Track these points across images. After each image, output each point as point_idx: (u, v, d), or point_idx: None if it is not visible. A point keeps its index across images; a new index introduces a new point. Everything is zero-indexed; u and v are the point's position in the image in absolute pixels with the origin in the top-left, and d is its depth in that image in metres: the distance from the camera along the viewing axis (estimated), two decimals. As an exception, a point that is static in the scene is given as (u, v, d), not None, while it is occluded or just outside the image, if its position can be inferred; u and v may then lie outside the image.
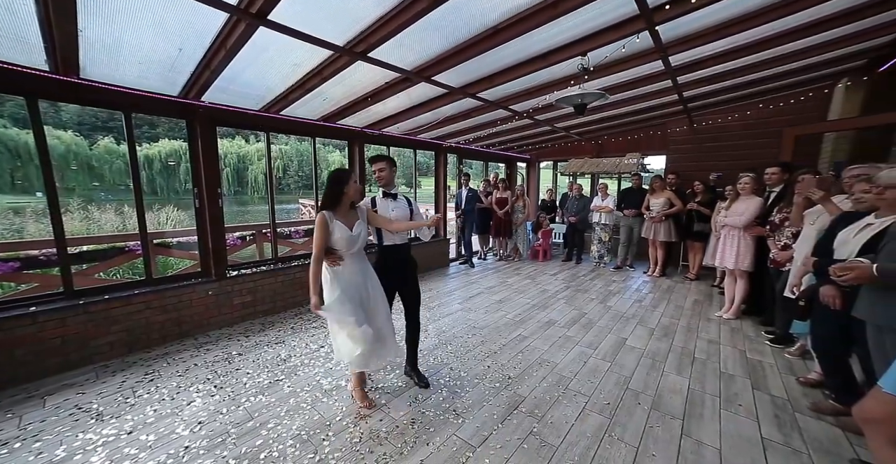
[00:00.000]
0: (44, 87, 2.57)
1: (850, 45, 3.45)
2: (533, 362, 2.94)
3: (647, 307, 4.25)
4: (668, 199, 5.28)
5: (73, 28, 2.04)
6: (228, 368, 2.80)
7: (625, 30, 2.54)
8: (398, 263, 2.45)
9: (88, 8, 1.92)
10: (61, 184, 25.09)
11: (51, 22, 1.96)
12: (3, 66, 2.37)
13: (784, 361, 2.95)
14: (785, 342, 3.16)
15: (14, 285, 4.09)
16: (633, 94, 4.28)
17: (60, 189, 10.89)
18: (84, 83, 2.67)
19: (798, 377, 2.65)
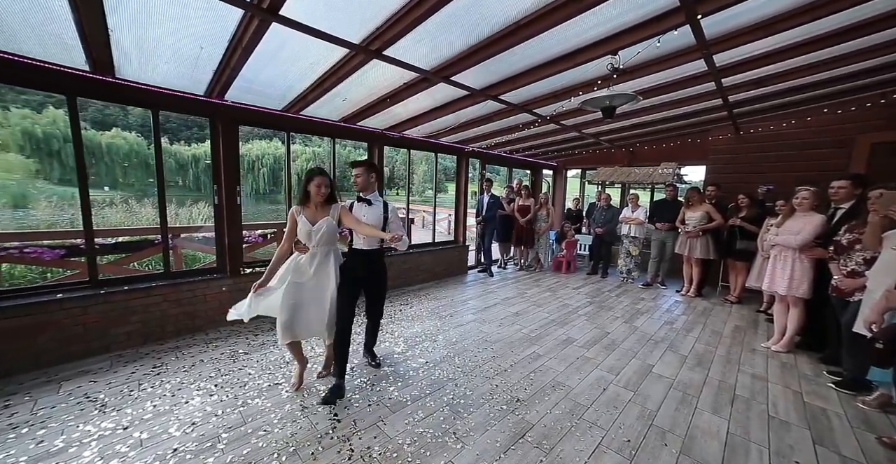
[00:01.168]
0: (82, 85, 2.70)
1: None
2: (546, 385, 2.71)
3: (680, 331, 3.86)
4: (707, 213, 4.84)
5: (104, 28, 2.10)
6: (232, 367, 2.78)
7: (662, 24, 2.30)
8: (364, 267, 2.56)
9: (114, 7, 1.96)
10: (123, 180, 27.57)
11: (83, 22, 2.03)
12: (45, 65, 2.51)
13: (857, 412, 2.46)
14: (857, 388, 2.65)
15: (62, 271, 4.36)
16: (670, 99, 3.95)
17: (122, 184, 11.98)
18: (117, 82, 2.79)
19: (882, 437, 2.16)
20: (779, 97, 4.19)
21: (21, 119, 22.20)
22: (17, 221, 11.71)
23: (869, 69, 3.49)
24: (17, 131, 22.36)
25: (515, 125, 4.70)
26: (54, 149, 21.86)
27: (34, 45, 2.32)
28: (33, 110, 22.33)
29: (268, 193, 32.58)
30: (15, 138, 22.46)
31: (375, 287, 2.68)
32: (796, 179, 4.55)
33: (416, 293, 4.95)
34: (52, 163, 22.24)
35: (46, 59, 2.48)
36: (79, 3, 1.87)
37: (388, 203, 2.58)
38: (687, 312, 4.48)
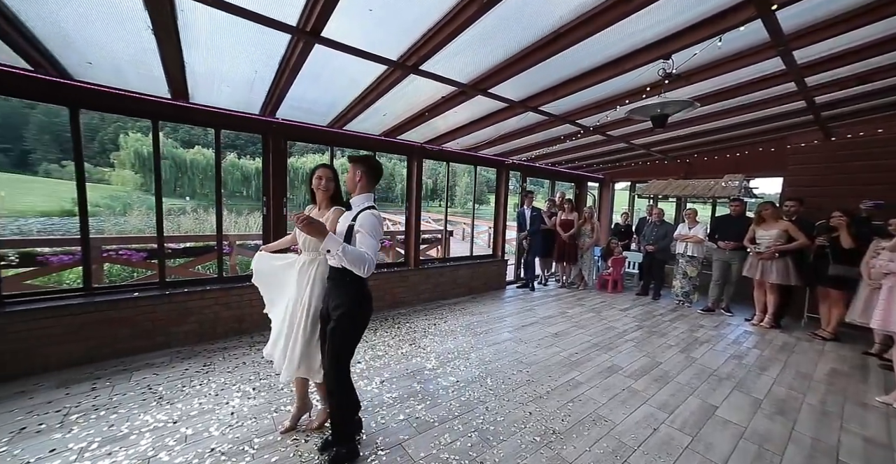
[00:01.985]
0: (163, 110, 3.09)
1: None
2: (585, 417, 2.46)
3: (751, 368, 3.34)
4: (786, 231, 4.22)
5: (181, 60, 2.38)
6: (269, 371, 2.89)
7: (725, 22, 2.07)
8: (330, 285, 1.95)
9: (188, 41, 2.21)
10: (200, 190, 31.40)
11: (165, 56, 2.32)
12: (136, 95, 2.91)
13: None
14: None
15: (144, 271, 4.93)
16: (736, 103, 3.56)
17: (199, 194, 13.62)
18: (190, 106, 3.13)
19: None
20: (887, 95, 3.57)
21: (134, 142, 26.67)
22: (118, 225, 13.66)
23: None
24: (131, 152, 26.88)
25: (557, 137, 4.52)
26: (152, 165, 26.08)
27: (133, 78, 2.70)
28: (143, 134, 26.72)
29: (320, 203, 34.93)
30: (129, 157, 27.11)
31: (331, 325, 1.87)
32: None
33: (451, 308, 4.86)
34: (150, 177, 26.40)
35: (141, 90, 2.89)
36: (163, 40, 2.12)
37: (369, 211, 1.82)
38: (761, 346, 3.89)
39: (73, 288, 3.06)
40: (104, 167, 30.28)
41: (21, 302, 2.74)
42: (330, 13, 1.86)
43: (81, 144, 2.83)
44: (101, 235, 9.51)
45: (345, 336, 1.86)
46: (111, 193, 25.80)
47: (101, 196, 24.09)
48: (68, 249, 3.97)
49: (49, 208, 19.41)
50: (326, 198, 2.11)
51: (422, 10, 1.97)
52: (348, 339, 1.88)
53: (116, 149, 28.11)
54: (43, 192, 22.71)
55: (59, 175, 29.22)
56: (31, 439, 2.04)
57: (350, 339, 1.89)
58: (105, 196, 24.51)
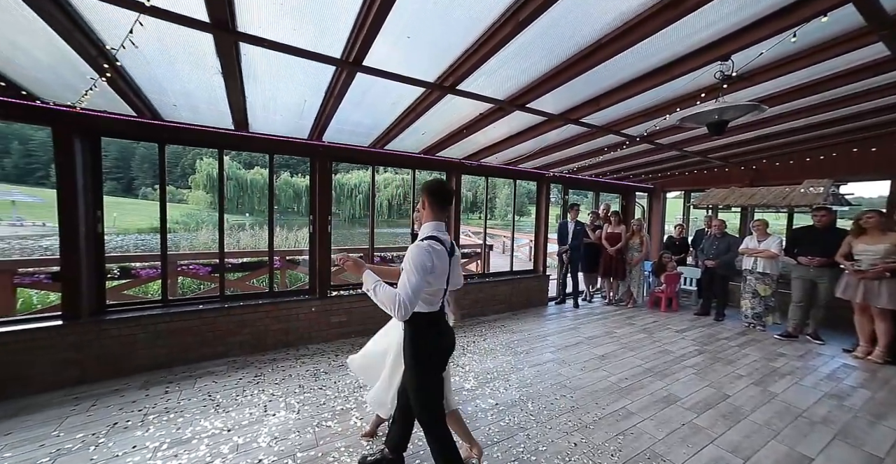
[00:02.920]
0: (227, 141, 3.44)
1: None
2: (640, 454, 2.22)
3: (857, 413, 2.75)
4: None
5: (242, 94, 2.66)
6: (313, 385, 2.98)
7: (793, 16, 1.86)
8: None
9: (248, 80, 2.46)
10: (258, 207, 34.60)
11: (230, 93, 2.60)
12: (206, 128, 3.28)
13: None
14: None
15: (210, 284, 5.45)
16: (817, 101, 3.15)
17: (257, 211, 15.03)
18: (248, 135, 3.46)
19: None
20: None
21: (207, 166, 30.32)
22: (191, 240, 15.32)
23: None
24: (204, 174, 30.61)
25: (600, 148, 4.32)
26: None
27: (206, 114, 3.06)
28: (213, 158, 30.75)
29: (362, 218, 36.51)
30: (202, 179, 30.85)
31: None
32: None
33: (490, 325, 4.74)
34: (218, 197, 30.55)
35: (211, 124, 3.26)
36: (229, 81, 2.39)
37: (420, 242, 1.63)
38: (870, 386, 3.21)
39: (153, 300, 3.46)
40: (183, 189, 34.48)
41: (117, 311, 3.15)
42: (371, 44, 1.97)
43: (165, 172, 3.29)
44: (176, 250, 10.77)
45: (412, 375, 1.71)
46: (188, 212, 29.35)
47: (179, 214, 27.44)
48: (153, 264, 4.55)
49: (144, 225, 22.68)
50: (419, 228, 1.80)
51: (458, 33, 2.01)
52: (415, 378, 1.70)
53: (194, 173, 32.14)
54: (142, 212, 26.68)
55: (154, 197, 34.64)
56: (120, 434, 2.31)
57: (417, 378, 1.69)
58: (183, 214, 27.88)
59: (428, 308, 1.67)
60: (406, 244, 5.03)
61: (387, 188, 35.95)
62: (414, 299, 1.50)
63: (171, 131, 3.19)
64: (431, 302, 1.67)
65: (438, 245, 1.62)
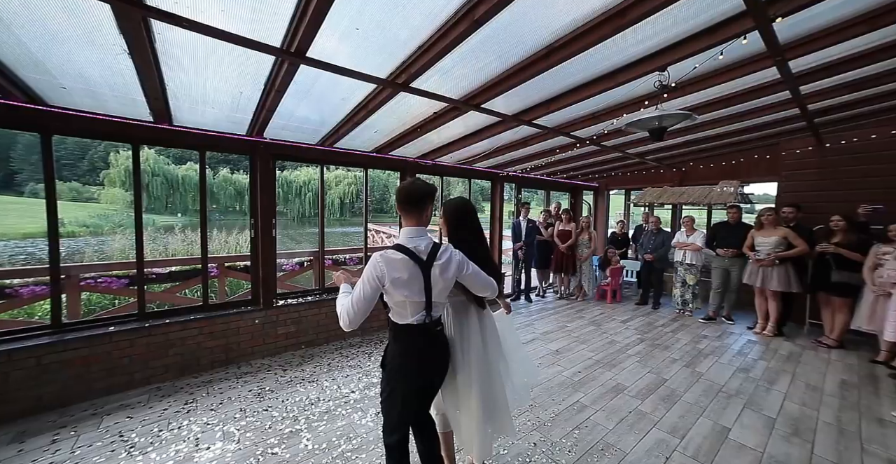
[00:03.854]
0: (144, 134, 2.96)
1: None
2: (593, 447, 2.32)
3: (760, 382, 3.22)
4: (784, 237, 4.18)
5: (161, 84, 2.28)
6: (257, 407, 2.71)
7: (723, 33, 2.03)
8: None
9: (169, 66, 2.11)
10: (192, 206, 31.03)
11: (144, 79, 2.21)
12: (113, 118, 2.78)
13: None
14: None
15: (127, 298, 4.70)
16: (730, 112, 3.54)
17: (191, 211, 13.03)
18: (174, 128, 3.01)
19: None
20: (879, 101, 3.59)
21: (125, 160, 26.47)
22: (104, 245, 13.12)
23: None
24: (121, 169, 26.62)
25: (552, 149, 4.48)
26: (144, 183, 25.74)
27: (111, 102, 2.59)
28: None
29: (312, 217, 34.67)
30: (119, 175, 26.76)
31: None
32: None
33: (448, 324, 4.71)
34: (135, 197, 27.03)
35: (121, 114, 2.77)
36: (141, 64, 2.02)
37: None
38: (766, 357, 3.79)
39: (39, 325, 2.78)
40: (93, 186, 29.75)
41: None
42: (314, 33, 1.78)
43: (53, 169, 2.68)
44: (83, 257, 9.17)
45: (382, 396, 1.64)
46: (101, 212, 25.33)
47: (88, 215, 23.63)
48: (43, 279, 3.71)
49: (34, 229, 18.82)
50: None
51: (411, 28, 1.89)
52: (381, 388, 1.66)
53: (107, 167, 27.79)
54: (31, 213, 22.27)
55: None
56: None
57: (381, 388, 1.65)
58: (93, 215, 24.06)
59: (399, 319, 1.57)
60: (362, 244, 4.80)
61: (338, 186, 34.50)
62: (353, 310, 1.45)
63: (62, 119, 2.63)
64: (401, 314, 1.56)
65: (397, 254, 1.50)
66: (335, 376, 3.22)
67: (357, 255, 5.80)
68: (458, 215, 1.77)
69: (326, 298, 3.94)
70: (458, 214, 1.78)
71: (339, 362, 3.52)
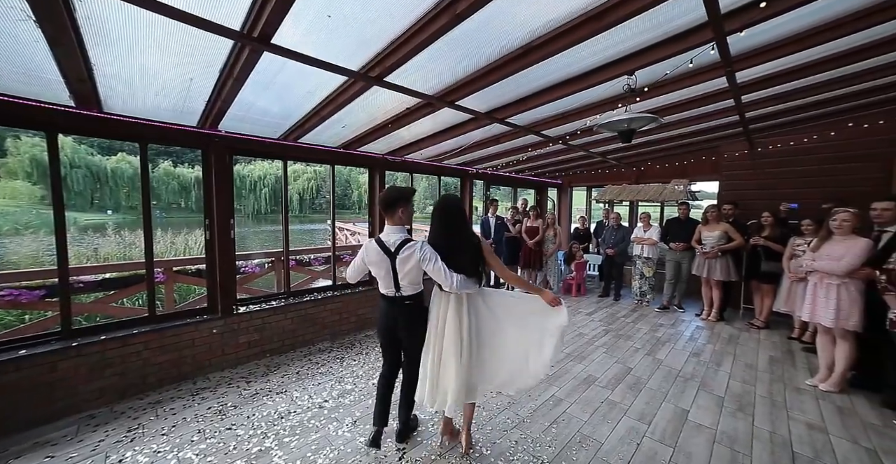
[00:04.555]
0: (63, 121, 2.53)
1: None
2: (571, 439, 2.40)
3: (709, 364, 3.54)
4: (725, 232, 4.60)
5: (85, 63, 1.96)
6: (219, 425, 2.47)
7: (687, 42, 2.15)
8: None
9: (97, 41, 1.82)
10: (127, 203, 27.62)
11: (61, 58, 1.89)
12: (18, 101, 2.35)
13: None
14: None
15: (44, 313, 4.06)
16: (683, 116, 3.80)
17: (125, 208, 11.25)
18: (104, 116, 2.63)
19: None
20: (799, 112, 4.03)
21: (30, 147, 22.69)
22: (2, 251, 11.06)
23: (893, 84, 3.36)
24: (25, 159, 22.76)
25: (522, 147, 4.54)
26: (61, 175, 22.48)
27: (18, 82, 2.17)
28: (42, 138, 23.18)
29: (269, 213, 32.63)
30: (23, 166, 22.84)
31: None
32: (822, 196, 4.37)
33: (421, 324, 4.64)
34: (52, 194, 23.07)
35: (29, 96, 2.34)
36: (56, 36, 1.71)
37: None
38: (712, 341, 4.16)
39: None
40: (-15, 178, 25.25)
41: None
42: (282, 18, 1.62)
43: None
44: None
45: None
46: (0, 209, 21.30)
47: (-21, 213, 20.00)
48: None
49: None
50: None
51: (389, 18, 1.79)
52: None
53: (4, 155, 23.17)
54: None
55: None
56: None
57: None
58: (-17, 213, 20.23)
59: (381, 289, 2.18)
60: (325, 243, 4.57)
61: (297, 181, 32.80)
62: (350, 269, 2.21)
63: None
64: (381, 285, 2.16)
65: (373, 244, 2.08)
66: (305, 385, 3.04)
67: (324, 254, 5.53)
68: (434, 217, 2.13)
69: (293, 302, 3.70)
70: (434, 215, 2.13)
71: (309, 369, 3.33)
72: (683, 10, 1.90)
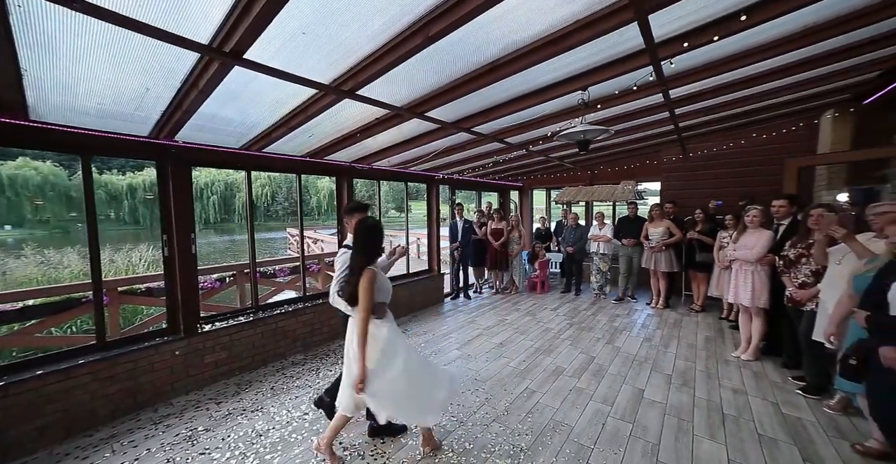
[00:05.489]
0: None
1: (836, 82, 3.53)
2: (545, 426, 2.59)
3: (658, 347, 3.96)
4: (668, 228, 5.15)
5: (14, 65, 1.79)
6: (191, 451, 2.35)
7: (628, 65, 2.44)
8: None
9: (30, 46, 1.68)
10: (33, 216, 24.02)
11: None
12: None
13: (826, 418, 2.61)
14: (819, 392, 2.86)
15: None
16: (630, 125, 4.22)
17: (31, 222, 9.54)
18: (32, 126, 2.36)
19: (854, 445, 2.27)
20: (718, 123, 4.66)
21: None
22: None
23: (787, 102, 4.02)
24: None
25: (486, 153, 4.76)
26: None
27: None
28: None
29: (217, 223, 30.36)
30: None
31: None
32: (739, 195, 5.05)
33: (394, 330, 4.67)
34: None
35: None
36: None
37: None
38: (661, 326, 4.64)
39: None
40: None
41: None
42: (257, 36, 1.62)
43: None
44: None
45: None
46: None
47: None
48: None
49: None
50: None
51: (365, 37, 1.85)
52: None
53: None
54: None
55: None
56: None
57: None
58: None
59: None
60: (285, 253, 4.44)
61: (247, 187, 30.80)
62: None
63: None
64: None
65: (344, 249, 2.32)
66: (282, 399, 2.96)
67: (289, 265, 5.35)
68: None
69: (262, 316, 3.57)
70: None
71: (284, 383, 3.24)
72: (626, 38, 2.17)
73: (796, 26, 2.35)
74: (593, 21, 1.92)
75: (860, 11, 2.24)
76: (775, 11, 2.03)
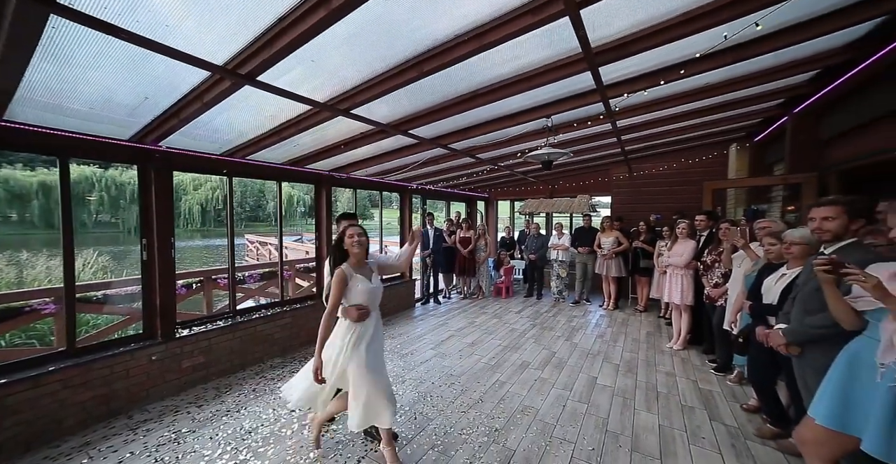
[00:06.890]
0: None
1: (732, 123, 4.47)
2: (515, 410, 2.93)
3: (609, 342, 4.50)
4: (617, 238, 5.83)
5: (19, 77, 1.84)
6: (177, 450, 2.38)
7: (584, 100, 2.95)
8: None
9: (49, 54, 1.75)
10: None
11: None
12: None
13: (727, 388, 3.26)
14: (725, 370, 3.52)
15: None
16: (586, 147, 4.83)
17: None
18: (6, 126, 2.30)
19: (742, 405, 2.93)
20: (655, 148, 5.47)
21: None
22: None
23: (701, 135, 4.88)
24: None
25: (458, 166, 5.14)
26: None
27: None
28: None
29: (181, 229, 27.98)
30: None
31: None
32: (673, 210, 5.88)
33: (370, 333, 4.81)
34: None
35: None
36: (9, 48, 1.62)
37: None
38: (611, 325, 5.23)
39: None
40: None
41: None
42: (274, 64, 1.84)
43: None
44: None
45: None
46: None
47: None
48: None
49: None
50: (363, 252, 2.22)
51: (366, 65, 2.13)
52: None
53: None
54: None
55: None
56: None
57: None
58: None
59: None
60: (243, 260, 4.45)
61: (197, 191, 28.91)
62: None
63: None
64: None
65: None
66: (266, 399, 3.03)
67: (259, 271, 5.30)
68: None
69: (240, 320, 3.58)
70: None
71: (265, 385, 3.29)
72: (581, 80, 2.64)
73: (697, 83, 3.05)
74: (559, 67, 2.36)
75: (746, 76, 2.96)
76: (676, 74, 2.65)
